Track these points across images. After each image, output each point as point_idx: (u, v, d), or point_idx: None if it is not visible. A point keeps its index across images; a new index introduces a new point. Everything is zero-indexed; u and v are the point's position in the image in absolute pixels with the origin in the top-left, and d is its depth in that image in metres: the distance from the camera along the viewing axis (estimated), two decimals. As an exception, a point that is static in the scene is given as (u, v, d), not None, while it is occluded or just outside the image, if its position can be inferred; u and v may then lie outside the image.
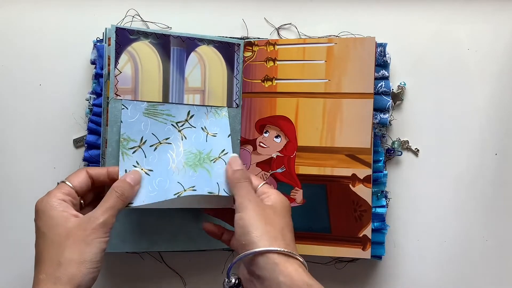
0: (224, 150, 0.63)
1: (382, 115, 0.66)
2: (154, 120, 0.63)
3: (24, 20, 0.70)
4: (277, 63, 0.67)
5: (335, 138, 0.65)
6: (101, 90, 0.65)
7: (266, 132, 0.67)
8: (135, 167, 0.60)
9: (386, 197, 0.68)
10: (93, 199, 0.59)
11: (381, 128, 0.68)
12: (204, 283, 0.70)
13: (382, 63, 0.66)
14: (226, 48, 0.66)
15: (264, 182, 0.59)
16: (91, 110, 0.67)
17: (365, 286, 0.70)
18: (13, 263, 0.69)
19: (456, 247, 0.69)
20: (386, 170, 0.68)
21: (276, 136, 0.67)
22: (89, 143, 0.66)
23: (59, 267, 0.50)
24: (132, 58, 0.62)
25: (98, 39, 0.68)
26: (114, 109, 0.61)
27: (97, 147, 0.66)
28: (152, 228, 0.64)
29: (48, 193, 0.54)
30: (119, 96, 0.61)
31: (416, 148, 0.69)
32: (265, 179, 0.67)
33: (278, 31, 0.70)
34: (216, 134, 0.65)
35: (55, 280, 0.50)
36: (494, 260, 0.69)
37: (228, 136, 0.65)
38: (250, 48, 0.67)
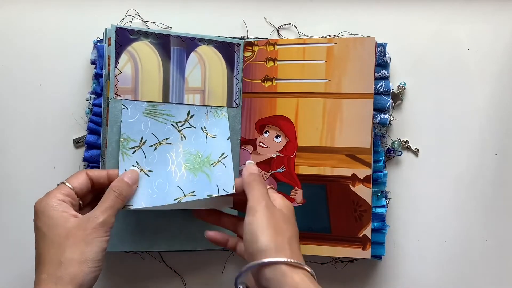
0: (223, 153, 0.63)
1: (382, 115, 0.66)
2: (154, 120, 0.63)
3: (24, 20, 0.70)
4: (277, 63, 0.67)
5: (335, 138, 0.65)
6: (101, 90, 0.65)
7: (266, 132, 0.67)
8: (135, 167, 0.60)
9: (386, 197, 0.68)
10: (92, 200, 0.59)
11: (381, 128, 0.68)
12: (204, 283, 0.70)
13: (382, 63, 0.66)
14: (226, 48, 0.66)
15: (269, 187, 0.59)
16: (91, 110, 0.67)
17: (365, 286, 0.70)
18: (13, 262, 0.69)
19: (456, 247, 0.69)
20: (386, 170, 0.68)
21: (276, 136, 0.67)
22: (89, 143, 0.66)
23: (60, 266, 0.50)
24: (132, 58, 0.62)
25: (98, 39, 0.68)
26: (114, 109, 0.61)
27: (97, 147, 0.66)
28: (152, 227, 0.64)
29: (48, 193, 0.54)
30: (119, 96, 0.61)
31: (416, 148, 0.69)
32: (265, 179, 0.67)
33: (278, 31, 0.70)
34: (215, 135, 0.65)
35: (57, 280, 0.50)
36: (494, 260, 0.69)
37: (228, 139, 0.65)
38: (250, 48, 0.67)
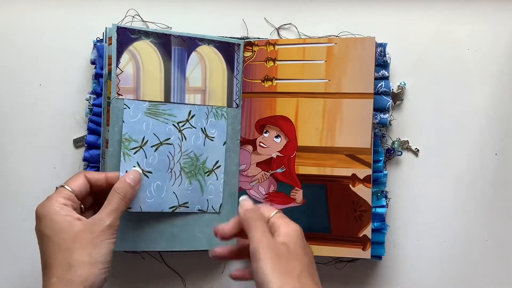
0: (218, 161, 0.66)
1: (382, 115, 0.66)
2: (155, 120, 0.63)
3: (24, 20, 0.70)
4: (277, 63, 0.67)
5: (335, 138, 0.65)
6: (101, 90, 0.65)
7: (266, 132, 0.67)
8: (136, 168, 0.61)
9: (386, 197, 0.68)
10: (92, 203, 0.59)
11: (381, 128, 0.68)
12: (204, 283, 0.70)
13: (382, 63, 0.66)
14: (226, 48, 0.67)
15: (276, 211, 0.55)
16: (91, 110, 0.67)
17: (365, 286, 0.70)
18: (13, 262, 0.69)
19: (456, 247, 0.69)
20: (386, 170, 0.68)
21: (276, 136, 0.67)
22: (89, 143, 0.66)
23: (69, 269, 0.50)
24: (134, 57, 0.62)
25: (98, 39, 0.68)
26: (116, 108, 0.61)
27: (97, 147, 0.66)
28: (152, 227, 0.64)
29: (48, 198, 0.54)
30: (121, 95, 0.61)
31: (416, 148, 0.69)
32: (265, 179, 0.67)
33: (278, 31, 0.70)
34: (213, 138, 0.65)
35: (67, 283, 0.50)
36: (494, 260, 0.69)
37: (224, 144, 0.66)
38: (250, 48, 0.67)
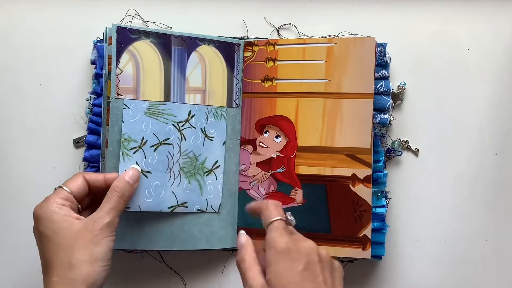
0: (217, 161, 0.66)
1: (382, 115, 0.66)
2: (155, 120, 0.63)
3: (24, 20, 0.70)
4: (277, 63, 0.67)
5: (335, 138, 0.65)
6: (101, 90, 0.65)
7: (266, 132, 0.67)
8: (134, 166, 0.61)
9: (386, 197, 0.68)
10: (89, 203, 0.59)
11: (381, 128, 0.68)
12: (204, 283, 0.70)
13: (382, 63, 0.66)
14: (226, 48, 0.67)
15: (274, 220, 0.52)
16: (91, 110, 0.67)
17: (365, 286, 0.70)
18: (13, 262, 0.69)
19: (456, 247, 0.69)
20: (386, 170, 0.68)
21: (276, 136, 0.67)
22: (89, 143, 0.66)
23: (71, 268, 0.50)
24: (134, 57, 0.62)
25: (98, 39, 0.68)
26: (115, 108, 0.61)
27: (97, 147, 0.66)
28: (151, 227, 0.64)
29: (46, 198, 0.54)
30: (121, 95, 0.61)
31: (416, 148, 0.69)
32: (265, 179, 0.67)
33: (278, 31, 0.70)
34: (213, 138, 0.65)
35: (69, 281, 0.50)
36: (494, 260, 0.69)
37: (223, 144, 0.66)
38: (250, 48, 0.67)
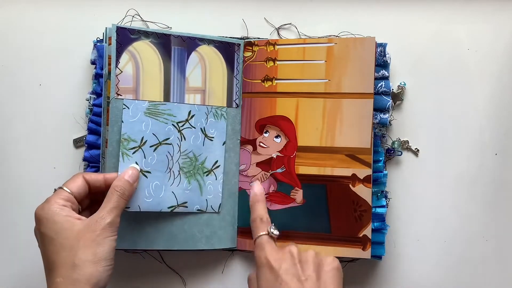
0: (217, 161, 0.66)
1: (382, 115, 0.66)
2: (155, 120, 0.63)
3: (24, 20, 0.70)
4: (277, 63, 0.67)
5: (335, 138, 0.65)
6: (101, 90, 0.65)
7: (266, 132, 0.67)
8: (133, 165, 0.61)
9: (386, 197, 0.68)
10: (89, 204, 0.59)
11: (381, 128, 0.68)
12: (204, 283, 0.70)
13: (382, 63, 0.66)
14: (226, 48, 0.67)
15: (259, 235, 0.57)
16: (91, 110, 0.67)
17: (365, 286, 0.70)
18: (13, 262, 0.69)
19: (456, 247, 0.69)
20: (386, 170, 0.68)
21: (276, 136, 0.67)
22: (89, 143, 0.66)
23: (74, 268, 0.51)
24: (133, 57, 0.62)
25: (98, 39, 0.68)
26: (115, 108, 0.61)
27: (97, 147, 0.66)
28: (151, 227, 0.64)
29: (47, 200, 0.54)
30: (121, 95, 0.61)
31: (416, 148, 0.69)
32: (265, 179, 0.67)
33: (278, 31, 0.70)
34: (213, 138, 0.65)
35: (73, 282, 0.50)
36: (494, 260, 0.69)
37: (223, 144, 0.66)
38: (250, 48, 0.67)
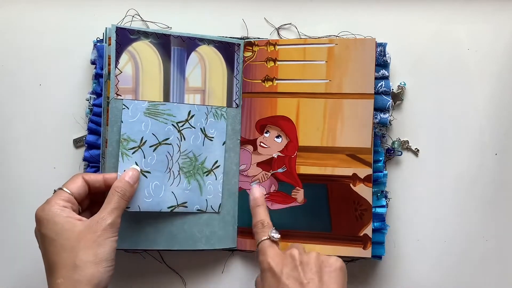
0: (217, 161, 0.66)
1: (382, 115, 0.66)
2: (154, 120, 0.63)
3: (24, 20, 0.70)
4: (277, 63, 0.67)
5: (336, 138, 0.65)
6: (101, 90, 0.65)
7: (267, 132, 0.67)
8: (133, 166, 0.61)
9: (386, 197, 0.68)
10: (89, 205, 0.60)
11: (381, 128, 0.68)
12: (204, 283, 0.70)
13: (382, 63, 0.66)
14: (226, 48, 0.67)
15: (262, 240, 0.60)
16: (91, 110, 0.67)
17: (365, 286, 0.70)
18: (13, 262, 0.69)
19: (456, 247, 0.69)
20: (386, 170, 0.68)
21: (277, 136, 0.67)
22: (89, 143, 0.66)
23: (76, 269, 0.51)
24: (133, 57, 0.62)
25: (98, 39, 0.68)
26: (114, 109, 0.61)
27: (97, 147, 0.66)
28: (151, 226, 0.64)
29: (48, 201, 0.54)
30: (120, 95, 0.61)
31: (416, 148, 0.69)
32: (265, 179, 0.67)
33: (278, 31, 0.70)
34: (212, 138, 0.65)
35: (75, 283, 0.50)
36: (494, 260, 0.69)
37: (223, 144, 0.66)
38: (250, 48, 0.67)
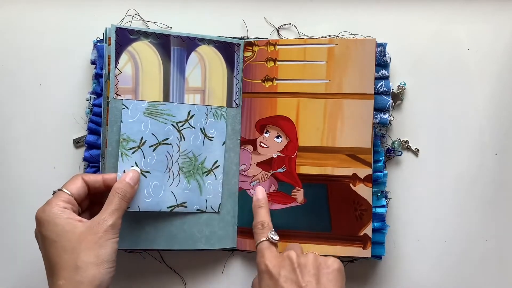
0: (217, 161, 0.65)
1: (382, 115, 0.66)
2: (154, 120, 0.63)
3: (24, 20, 0.70)
4: (277, 63, 0.67)
5: (336, 138, 0.65)
6: (101, 90, 0.65)
7: (266, 132, 0.67)
8: (134, 167, 0.61)
9: (386, 197, 0.68)
10: (89, 205, 0.60)
11: (381, 128, 0.68)
12: (204, 283, 0.70)
13: (382, 63, 0.66)
14: (226, 48, 0.67)
15: (261, 241, 0.60)
16: (91, 110, 0.67)
17: (365, 286, 0.70)
18: (13, 263, 0.69)
19: (456, 247, 0.69)
20: (386, 170, 0.68)
21: (277, 136, 0.67)
22: (89, 143, 0.66)
23: (77, 271, 0.51)
24: (133, 58, 0.62)
25: (98, 39, 0.68)
26: (114, 109, 0.61)
27: (97, 147, 0.66)
28: (151, 226, 0.64)
29: (48, 202, 0.54)
30: (120, 96, 0.61)
31: (416, 148, 0.69)
32: (265, 179, 0.67)
33: (278, 31, 0.70)
34: (212, 138, 0.65)
35: (76, 284, 0.50)
36: (494, 260, 0.69)
37: (223, 144, 0.66)
38: (250, 48, 0.67)
